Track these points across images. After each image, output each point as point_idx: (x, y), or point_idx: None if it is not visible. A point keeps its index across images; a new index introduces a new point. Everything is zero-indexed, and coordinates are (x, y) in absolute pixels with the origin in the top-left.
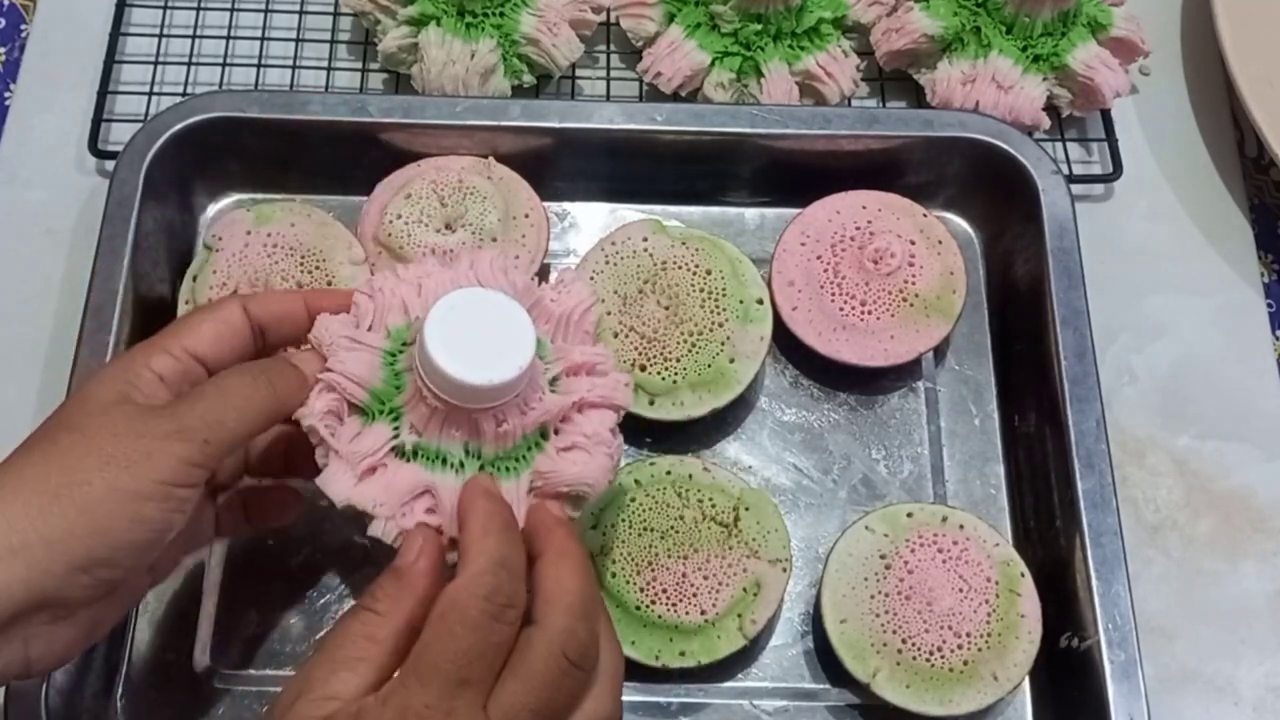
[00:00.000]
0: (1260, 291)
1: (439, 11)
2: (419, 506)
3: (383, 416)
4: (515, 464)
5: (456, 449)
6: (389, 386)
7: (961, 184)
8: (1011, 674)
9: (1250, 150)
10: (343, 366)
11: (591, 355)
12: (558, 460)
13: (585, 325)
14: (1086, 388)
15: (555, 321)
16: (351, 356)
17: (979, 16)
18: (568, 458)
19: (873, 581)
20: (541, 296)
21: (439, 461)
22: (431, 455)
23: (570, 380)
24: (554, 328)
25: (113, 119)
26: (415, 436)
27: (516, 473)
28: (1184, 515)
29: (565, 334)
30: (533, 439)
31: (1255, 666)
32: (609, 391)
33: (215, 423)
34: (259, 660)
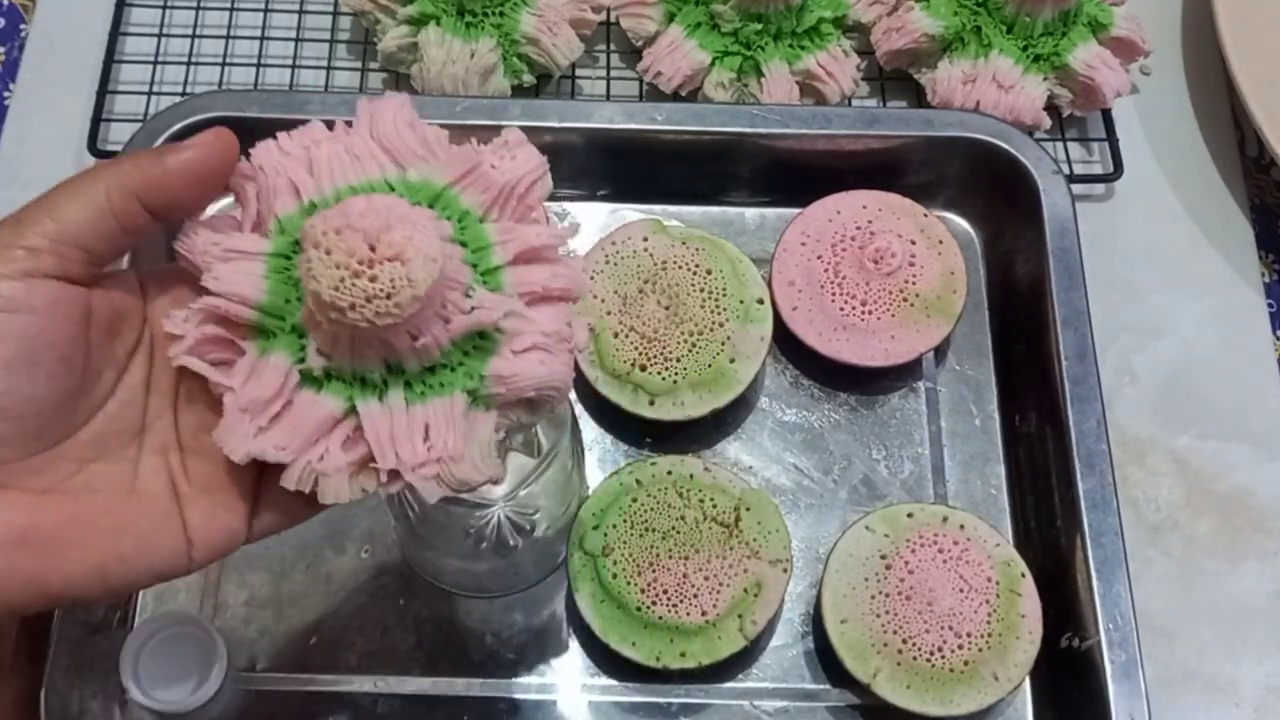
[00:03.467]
0: (1261, 291)
1: (438, 11)
2: (334, 440)
3: (283, 338)
4: (450, 374)
5: (375, 367)
6: (284, 299)
7: (962, 184)
8: (1012, 674)
9: (1251, 150)
10: (218, 283)
11: (547, 237)
12: (517, 363)
13: (533, 199)
14: (1087, 388)
15: (497, 193)
16: (228, 270)
17: (979, 16)
18: (529, 359)
19: (873, 582)
20: (479, 161)
21: (357, 384)
22: (347, 378)
23: (521, 269)
24: (495, 201)
25: (112, 119)
26: (324, 360)
27: (451, 387)
28: (1184, 515)
29: (508, 209)
30: (466, 344)
31: (1256, 666)
32: (570, 282)
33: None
34: (259, 661)
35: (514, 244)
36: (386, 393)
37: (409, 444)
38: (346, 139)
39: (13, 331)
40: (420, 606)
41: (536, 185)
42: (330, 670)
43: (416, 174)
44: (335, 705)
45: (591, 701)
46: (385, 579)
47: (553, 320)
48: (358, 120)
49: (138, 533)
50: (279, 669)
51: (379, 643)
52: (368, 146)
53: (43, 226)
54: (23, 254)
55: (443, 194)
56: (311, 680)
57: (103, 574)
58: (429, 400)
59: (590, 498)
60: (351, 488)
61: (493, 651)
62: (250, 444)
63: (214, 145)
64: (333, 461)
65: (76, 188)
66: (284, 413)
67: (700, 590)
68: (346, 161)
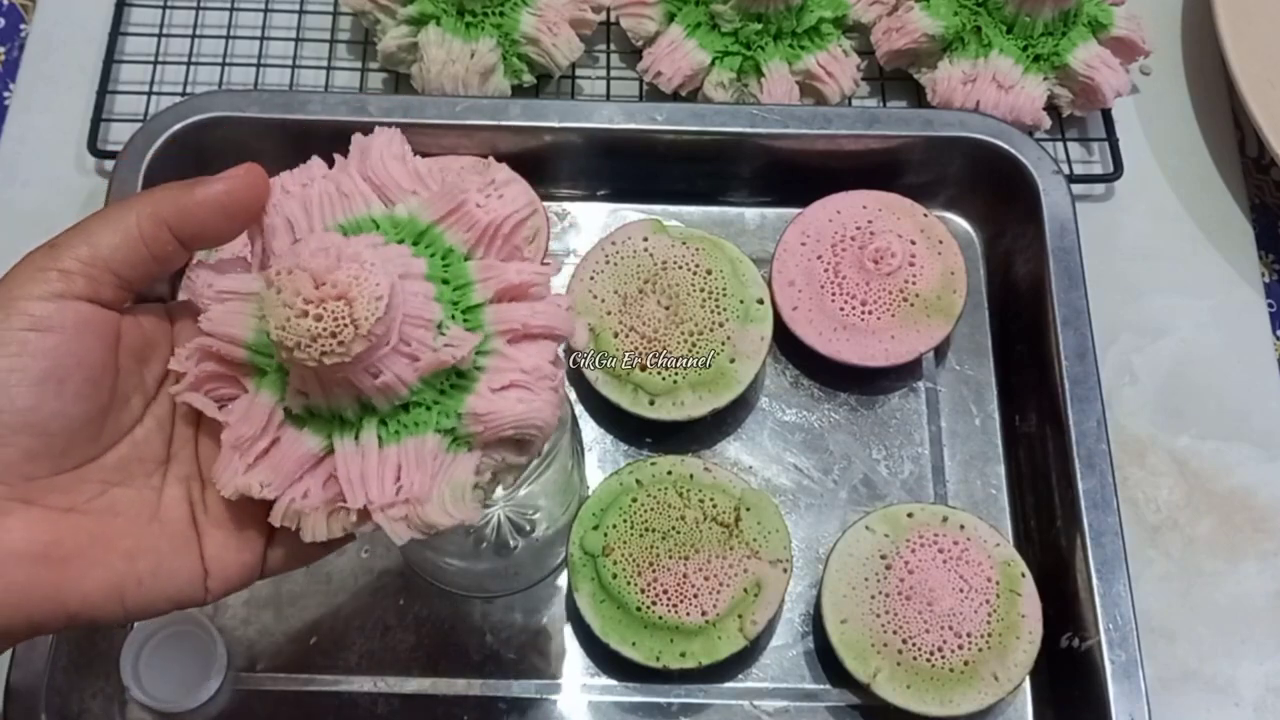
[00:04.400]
0: (1261, 291)
1: (439, 11)
2: (315, 479)
3: (272, 376)
4: (425, 413)
5: (349, 406)
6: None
7: (962, 184)
8: (1012, 674)
9: (1251, 150)
10: (210, 324)
11: (528, 275)
12: (495, 400)
13: (517, 239)
14: (1087, 388)
15: (481, 232)
16: (220, 311)
17: (979, 16)
18: (507, 397)
19: (873, 582)
20: (465, 199)
21: (337, 423)
22: (326, 416)
23: (502, 307)
24: (480, 239)
25: (112, 119)
26: (302, 398)
27: (425, 426)
28: (1184, 515)
29: (494, 248)
30: (442, 382)
31: (1255, 667)
32: (551, 320)
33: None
34: (260, 660)
35: (494, 281)
36: (360, 431)
37: (378, 484)
38: (338, 176)
39: (43, 349)
40: (420, 606)
41: (522, 225)
42: (330, 670)
43: (403, 210)
44: (335, 705)
45: (591, 701)
46: (385, 579)
47: (535, 358)
48: (350, 156)
49: (156, 558)
50: (279, 669)
51: (379, 643)
52: (356, 184)
53: (76, 251)
54: (56, 276)
55: (427, 231)
56: (311, 680)
57: (120, 595)
58: (402, 440)
59: (590, 498)
60: (330, 526)
61: (493, 651)
62: (239, 480)
63: (243, 180)
64: (312, 500)
65: (110, 215)
66: (271, 450)
67: (700, 590)
68: (335, 199)
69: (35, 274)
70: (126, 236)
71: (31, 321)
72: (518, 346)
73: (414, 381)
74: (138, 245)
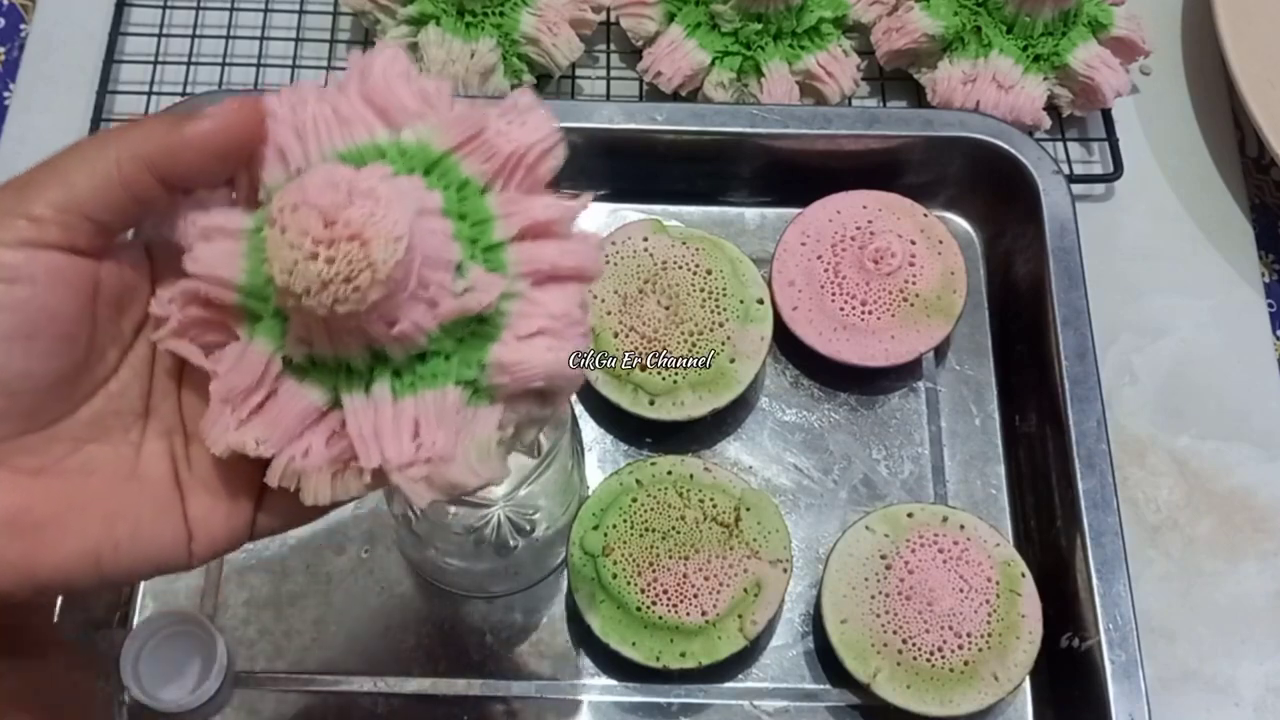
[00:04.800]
0: (1261, 291)
1: (438, 11)
2: (317, 435)
3: (267, 322)
4: (444, 363)
5: (359, 355)
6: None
7: (962, 184)
8: (1012, 674)
9: (1251, 150)
10: (196, 264)
11: (556, 210)
12: (523, 349)
13: (541, 171)
14: (1087, 388)
15: (503, 162)
16: (207, 250)
17: (979, 16)
18: (535, 345)
19: (873, 582)
20: (483, 125)
21: (343, 374)
22: (331, 366)
23: (527, 246)
24: (499, 171)
25: (112, 119)
26: (304, 346)
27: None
28: (1184, 515)
29: (514, 181)
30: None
31: (1255, 667)
32: (582, 260)
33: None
34: (260, 660)
35: (519, 217)
36: (372, 383)
37: (395, 441)
38: (335, 98)
39: (10, 303)
40: (420, 606)
41: (547, 156)
42: (330, 670)
43: (411, 136)
44: (335, 705)
45: (591, 701)
46: (385, 579)
47: (562, 302)
48: (347, 76)
49: (135, 520)
50: (279, 669)
51: (379, 643)
52: (356, 107)
53: (48, 194)
54: (25, 223)
55: (440, 161)
56: (311, 680)
57: (96, 561)
58: (418, 392)
59: (590, 498)
60: (335, 488)
61: (493, 651)
62: (230, 436)
63: (235, 116)
64: (315, 458)
65: (85, 154)
66: (267, 403)
67: (700, 590)
68: (334, 124)
69: (2, 220)
70: (105, 179)
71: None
72: (544, 289)
73: (433, 329)
74: (117, 188)
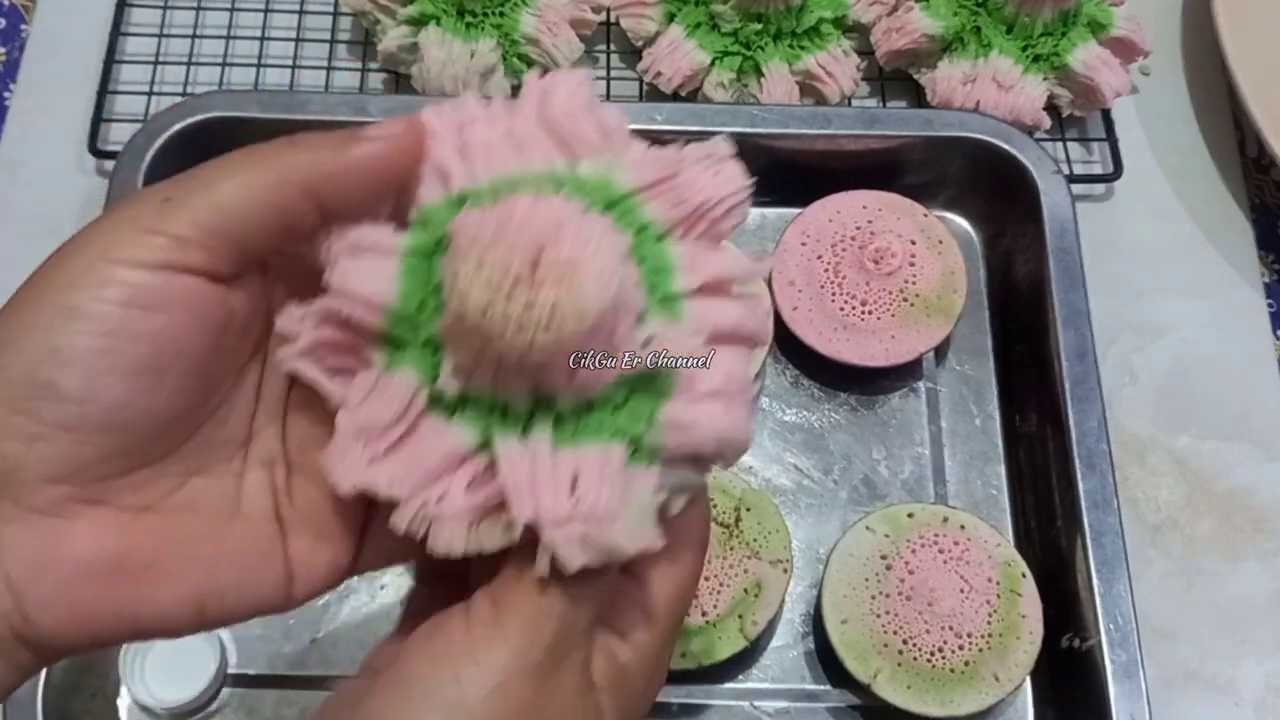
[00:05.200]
0: (1261, 291)
1: (439, 11)
2: (457, 480)
3: (414, 351)
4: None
5: (521, 398)
6: (418, 304)
7: (962, 184)
8: (1013, 674)
9: (1251, 150)
10: (342, 281)
11: (743, 268)
12: (697, 410)
13: (725, 226)
14: (1087, 388)
15: (690, 211)
16: (355, 267)
17: (979, 16)
18: (710, 407)
19: (874, 582)
20: (678, 169)
21: (497, 415)
22: (484, 406)
23: (706, 303)
24: (684, 219)
25: (112, 119)
26: (459, 382)
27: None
28: (1185, 515)
29: (695, 230)
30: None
31: (1256, 667)
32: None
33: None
34: (259, 661)
35: (704, 271)
36: (531, 429)
37: (552, 493)
38: (510, 119)
39: (144, 333)
40: None
41: (734, 212)
42: (330, 670)
43: (590, 169)
44: None
45: None
46: (385, 579)
47: (736, 364)
48: (524, 97)
49: (240, 565)
50: (279, 669)
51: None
52: (534, 131)
53: (197, 214)
54: (166, 242)
55: (622, 200)
56: (311, 681)
57: (199, 608)
58: (580, 443)
59: None
60: (470, 538)
61: None
62: (360, 475)
63: (403, 140)
64: (452, 505)
65: (238, 172)
66: (404, 441)
67: (700, 590)
68: (507, 148)
69: (140, 236)
70: (261, 204)
71: (131, 295)
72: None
73: (610, 381)
74: (273, 215)
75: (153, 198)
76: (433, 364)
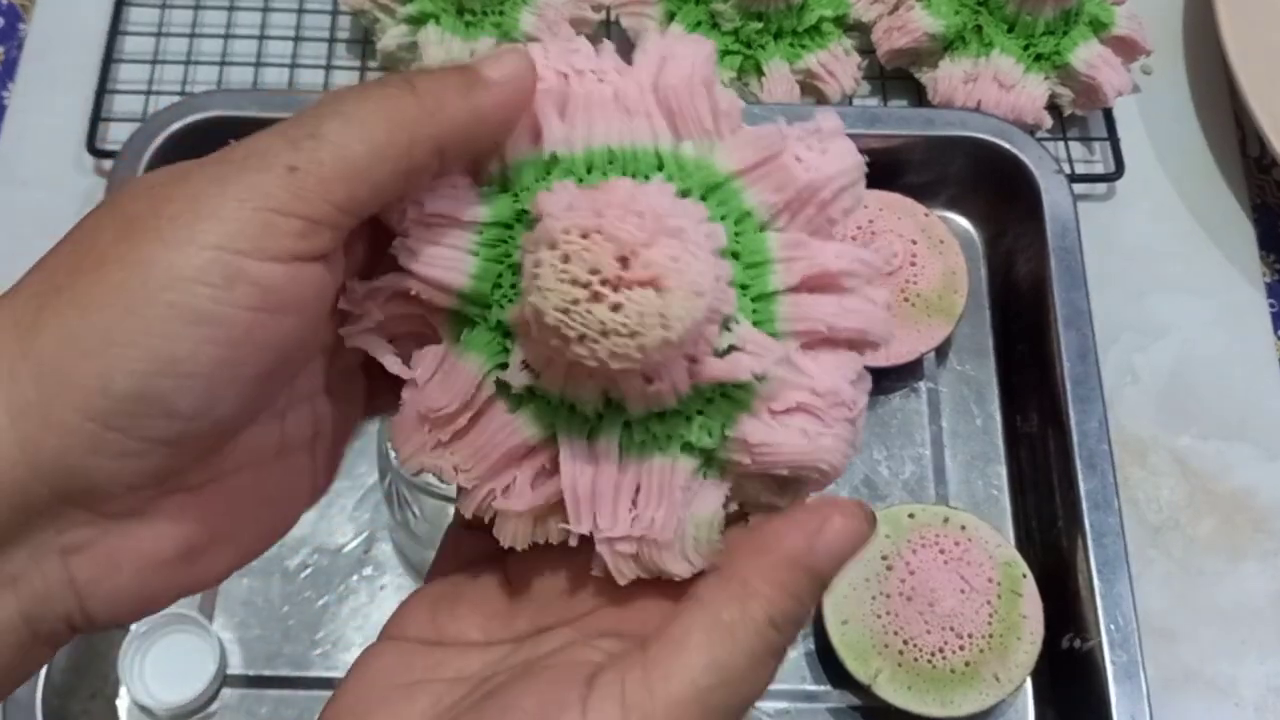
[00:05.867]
0: (1262, 291)
1: (438, 10)
2: (523, 472)
3: (484, 333)
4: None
5: (590, 398)
6: (492, 283)
7: (963, 183)
8: (1013, 675)
9: (1252, 150)
10: (417, 262)
11: (850, 261)
12: (774, 429)
13: (834, 210)
14: (1088, 388)
15: (795, 195)
16: (430, 242)
17: (980, 15)
18: (789, 425)
19: (874, 582)
20: (781, 147)
21: (564, 412)
22: (553, 401)
23: (803, 299)
24: (789, 204)
25: (111, 118)
26: (528, 376)
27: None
28: (1186, 515)
29: (801, 216)
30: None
31: (1257, 667)
32: (864, 322)
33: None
34: (259, 661)
35: (804, 264)
36: (598, 433)
37: (611, 507)
38: (620, 81)
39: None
40: None
41: (845, 193)
42: (330, 670)
43: (692, 150)
44: None
45: None
46: (385, 579)
47: (832, 375)
48: (642, 58)
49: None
50: (279, 669)
51: None
52: (645, 99)
53: (330, 188)
54: (301, 227)
55: (723, 185)
56: (311, 680)
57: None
58: (647, 456)
59: None
60: (535, 532)
61: None
62: (426, 458)
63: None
64: (518, 499)
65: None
66: (469, 428)
67: None
68: (613, 112)
69: (270, 220)
70: (394, 171)
71: (262, 299)
72: (813, 355)
73: (686, 391)
74: (401, 178)
75: (275, 163)
76: (501, 349)
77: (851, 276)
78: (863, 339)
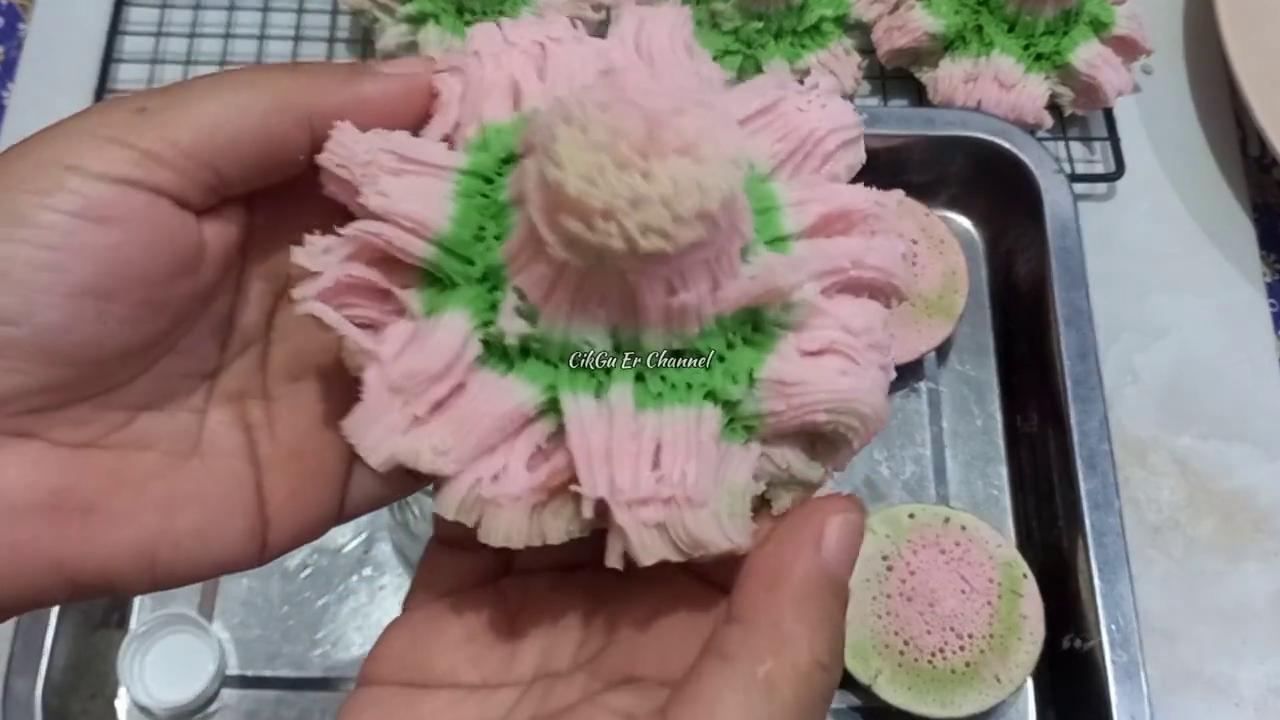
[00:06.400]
0: (1263, 291)
1: (437, 9)
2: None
3: (467, 289)
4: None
5: (598, 338)
6: (474, 232)
7: (963, 183)
8: (1014, 675)
9: (1253, 150)
10: (385, 201)
11: (864, 201)
12: (807, 367)
13: (838, 163)
14: (1089, 388)
15: (798, 143)
16: (400, 185)
17: (981, 15)
18: (824, 364)
19: (875, 583)
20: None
21: (564, 368)
22: (552, 354)
23: (820, 242)
24: (792, 154)
25: None
26: (524, 323)
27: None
28: (1186, 516)
29: (804, 168)
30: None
31: (1257, 667)
32: (889, 263)
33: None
34: (258, 661)
35: (816, 205)
36: (608, 387)
37: (631, 466)
38: (600, 44)
39: (93, 249)
40: None
41: (848, 147)
42: (330, 670)
43: None
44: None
45: None
46: (385, 579)
47: (862, 315)
48: (619, 25)
49: (200, 509)
50: (279, 669)
51: None
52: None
53: (171, 129)
54: (130, 154)
55: None
56: (311, 680)
57: (150, 558)
58: (666, 406)
59: None
60: (531, 527)
61: None
62: (398, 441)
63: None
64: (511, 484)
65: (228, 92)
66: (452, 399)
67: None
68: (594, 69)
69: (104, 144)
70: (249, 130)
71: (83, 205)
72: (836, 299)
73: (709, 317)
74: (260, 144)
75: (127, 105)
76: (489, 304)
77: (868, 218)
78: (887, 281)
